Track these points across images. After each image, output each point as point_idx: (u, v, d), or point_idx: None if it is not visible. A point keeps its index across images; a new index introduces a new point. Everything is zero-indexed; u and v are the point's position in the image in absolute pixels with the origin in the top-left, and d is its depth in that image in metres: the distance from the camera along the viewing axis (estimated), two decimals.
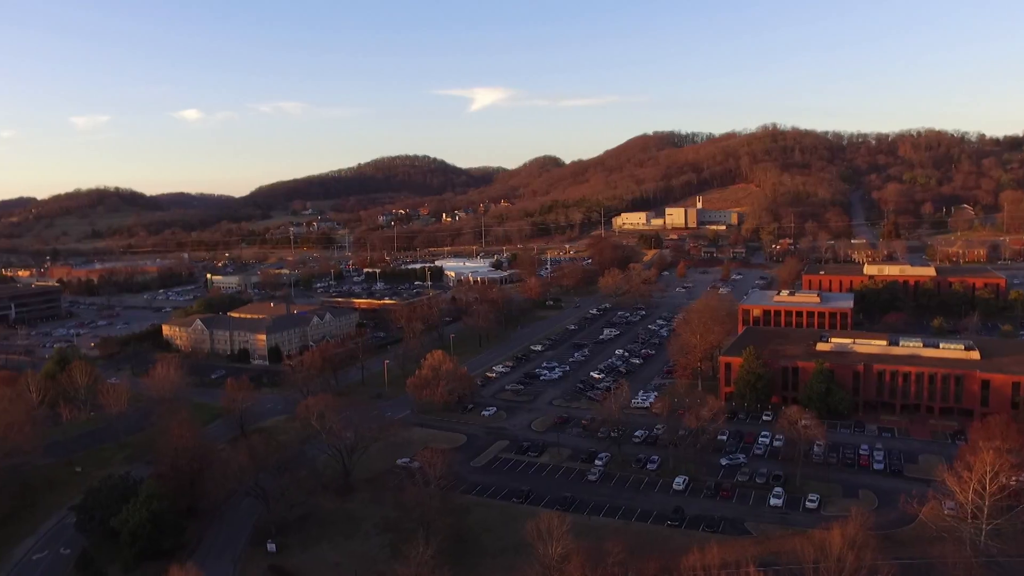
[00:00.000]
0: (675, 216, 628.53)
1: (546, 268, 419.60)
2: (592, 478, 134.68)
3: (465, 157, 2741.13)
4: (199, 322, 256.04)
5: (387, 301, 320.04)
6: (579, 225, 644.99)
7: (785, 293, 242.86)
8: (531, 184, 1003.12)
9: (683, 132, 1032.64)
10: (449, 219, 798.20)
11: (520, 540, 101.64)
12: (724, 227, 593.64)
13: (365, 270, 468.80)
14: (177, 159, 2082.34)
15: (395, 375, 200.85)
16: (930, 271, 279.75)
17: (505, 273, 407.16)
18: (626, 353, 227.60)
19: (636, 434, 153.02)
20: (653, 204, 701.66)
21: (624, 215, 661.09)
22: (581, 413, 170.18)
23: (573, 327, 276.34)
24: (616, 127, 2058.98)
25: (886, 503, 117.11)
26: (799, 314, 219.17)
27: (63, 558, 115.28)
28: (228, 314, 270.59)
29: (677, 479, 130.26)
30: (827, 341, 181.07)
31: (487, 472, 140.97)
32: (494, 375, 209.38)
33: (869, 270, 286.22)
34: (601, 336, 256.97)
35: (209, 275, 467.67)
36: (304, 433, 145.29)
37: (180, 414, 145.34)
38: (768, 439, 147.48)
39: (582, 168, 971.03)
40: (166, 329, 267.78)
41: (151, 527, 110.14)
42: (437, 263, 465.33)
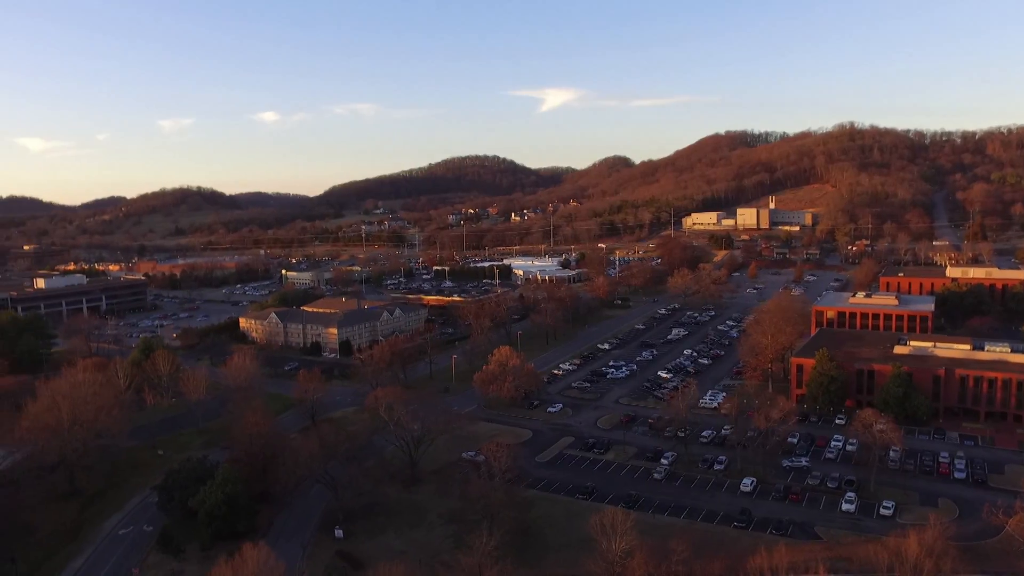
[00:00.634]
0: (747, 216, 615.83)
1: (614, 267, 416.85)
2: (657, 477, 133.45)
3: (534, 157, 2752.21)
4: (274, 316, 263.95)
5: (455, 298, 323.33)
6: (648, 225, 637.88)
7: (861, 295, 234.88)
8: (600, 184, 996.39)
9: (756, 131, 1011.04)
10: (518, 218, 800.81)
11: (583, 536, 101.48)
12: (797, 228, 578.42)
13: (434, 268, 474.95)
14: (255, 160, 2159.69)
15: (462, 370, 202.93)
16: (1020, 274, 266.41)
17: (573, 272, 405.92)
18: (694, 353, 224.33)
19: (703, 434, 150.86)
20: (724, 204, 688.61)
21: (694, 215, 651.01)
22: (648, 412, 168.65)
23: (641, 326, 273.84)
24: (687, 127, 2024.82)
25: (968, 514, 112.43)
26: (875, 316, 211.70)
27: (146, 534, 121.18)
28: (301, 308, 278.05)
29: (745, 480, 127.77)
30: (906, 344, 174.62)
31: (552, 468, 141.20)
32: (560, 373, 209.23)
33: (952, 272, 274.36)
34: (669, 336, 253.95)
35: (284, 271, 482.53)
36: (373, 424, 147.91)
37: (254, 403, 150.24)
38: (841, 443, 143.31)
39: (652, 168, 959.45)
40: (243, 322, 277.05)
41: (226, 509, 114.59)
42: (505, 262, 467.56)
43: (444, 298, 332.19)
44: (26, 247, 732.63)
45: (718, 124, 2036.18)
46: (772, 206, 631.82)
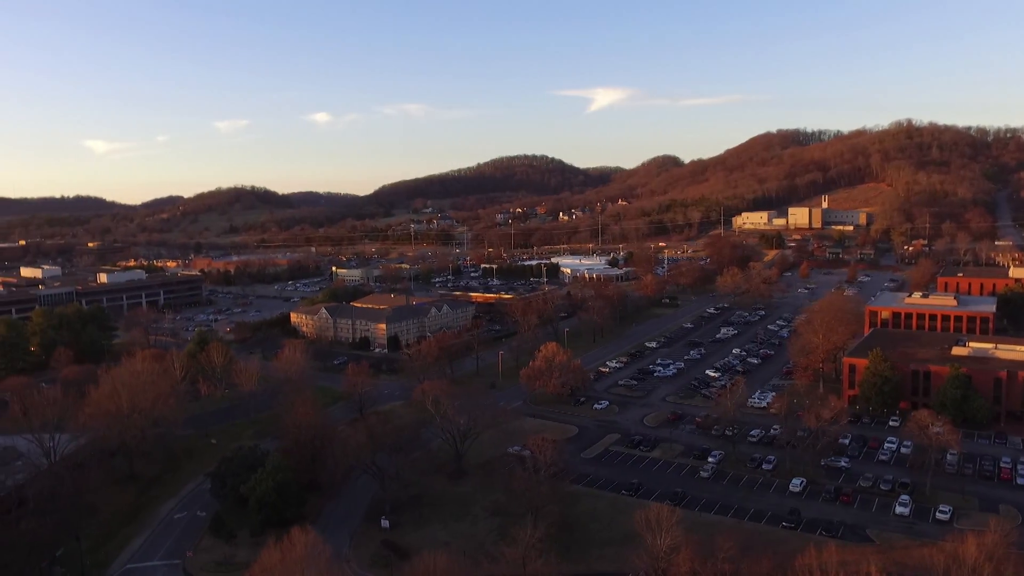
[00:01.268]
0: (798, 216, 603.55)
1: (663, 266, 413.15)
2: (704, 475, 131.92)
3: (583, 157, 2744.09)
4: (324, 311, 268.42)
5: (503, 295, 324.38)
6: (697, 224, 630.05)
7: (917, 295, 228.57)
8: (649, 183, 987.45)
9: (808, 130, 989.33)
10: (566, 218, 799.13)
11: (627, 531, 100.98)
12: (851, 228, 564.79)
13: (482, 266, 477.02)
14: (307, 160, 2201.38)
15: (509, 366, 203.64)
16: None
17: (621, 271, 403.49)
18: (743, 353, 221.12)
19: (752, 433, 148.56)
20: (776, 204, 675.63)
21: (745, 214, 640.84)
22: (695, 410, 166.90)
23: (689, 325, 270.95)
24: (738, 126, 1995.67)
25: None
26: (932, 317, 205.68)
27: (199, 519, 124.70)
28: (351, 304, 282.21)
29: (794, 481, 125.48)
30: (964, 345, 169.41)
31: (597, 464, 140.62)
32: (607, 370, 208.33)
33: (1016, 273, 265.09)
34: (718, 335, 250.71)
35: (334, 268, 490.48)
36: (420, 418, 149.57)
37: (304, 395, 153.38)
38: (895, 445, 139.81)
39: (701, 167, 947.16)
40: (294, 317, 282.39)
41: (275, 496, 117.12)
42: (553, 260, 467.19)
43: (491, 295, 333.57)
44: (90, 244, 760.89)
45: (770, 123, 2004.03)
46: (825, 205, 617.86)
